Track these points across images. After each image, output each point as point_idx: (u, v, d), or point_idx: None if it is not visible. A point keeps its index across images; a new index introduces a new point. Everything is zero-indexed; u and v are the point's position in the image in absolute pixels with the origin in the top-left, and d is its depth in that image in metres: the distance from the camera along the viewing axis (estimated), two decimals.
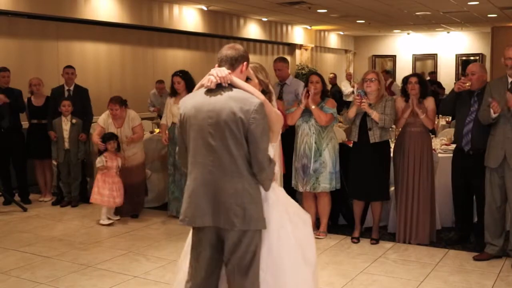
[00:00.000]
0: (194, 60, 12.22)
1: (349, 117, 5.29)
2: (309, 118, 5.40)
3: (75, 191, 7.06)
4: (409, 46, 19.23)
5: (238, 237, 2.75)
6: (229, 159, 2.72)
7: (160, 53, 11.39)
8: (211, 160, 2.74)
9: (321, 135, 5.42)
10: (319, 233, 5.54)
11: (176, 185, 6.35)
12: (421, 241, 5.30)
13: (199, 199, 2.77)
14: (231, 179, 2.73)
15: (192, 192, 2.80)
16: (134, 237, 5.72)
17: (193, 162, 2.80)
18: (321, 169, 5.40)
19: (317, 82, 5.46)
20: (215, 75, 2.78)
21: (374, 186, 5.30)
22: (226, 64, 2.84)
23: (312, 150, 5.38)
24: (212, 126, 2.73)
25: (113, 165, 6.20)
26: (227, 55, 2.85)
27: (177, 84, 6.33)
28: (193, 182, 2.80)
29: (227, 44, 2.93)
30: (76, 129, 6.94)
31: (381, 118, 5.15)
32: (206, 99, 2.78)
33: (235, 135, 2.71)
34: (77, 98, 7.10)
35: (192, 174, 2.81)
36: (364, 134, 5.26)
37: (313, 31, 16.97)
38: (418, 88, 5.27)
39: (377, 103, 5.25)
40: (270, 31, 14.60)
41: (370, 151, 5.25)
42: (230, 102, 2.73)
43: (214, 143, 2.73)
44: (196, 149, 2.78)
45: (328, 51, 18.73)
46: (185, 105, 2.85)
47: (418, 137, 5.27)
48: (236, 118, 2.69)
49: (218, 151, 2.73)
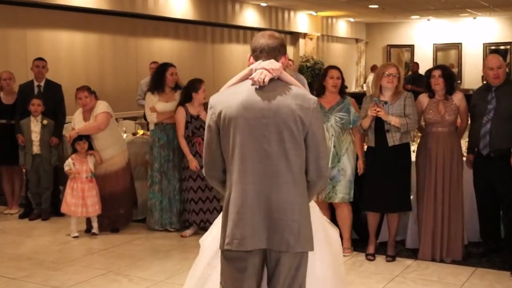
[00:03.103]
0: (182, 52, 12.19)
1: (364, 128, 5.26)
2: (327, 119, 5.39)
3: (46, 202, 7.02)
4: (430, 34, 19.23)
5: (291, 260, 2.71)
6: (286, 166, 2.67)
7: (144, 43, 11.36)
8: (264, 168, 2.67)
9: (341, 138, 5.40)
10: (344, 250, 5.52)
11: (164, 194, 6.32)
12: (454, 257, 5.28)
13: (251, 216, 2.67)
14: (287, 190, 2.68)
15: (242, 208, 2.67)
16: (114, 255, 5.68)
17: (240, 171, 2.68)
18: (339, 176, 5.38)
19: (337, 78, 5.45)
20: (269, 68, 2.71)
21: (393, 195, 5.28)
22: (269, 55, 2.77)
23: (330, 155, 5.36)
24: (267, 127, 2.66)
25: (83, 168, 6.17)
26: (269, 44, 2.78)
27: (174, 75, 6.31)
28: (241, 196, 2.68)
29: (262, 32, 2.86)
30: (48, 131, 6.91)
31: (402, 123, 5.13)
32: (256, 95, 2.69)
33: (295, 137, 2.67)
34: (48, 95, 7.06)
35: (238, 185, 2.69)
36: (381, 137, 5.24)
37: (319, 17, 16.97)
38: (442, 83, 5.24)
39: (394, 101, 5.23)
40: (270, 17, 14.59)
41: (389, 156, 5.22)
42: (287, 98, 2.69)
43: (269, 147, 2.66)
44: (245, 155, 2.67)
45: (336, 40, 18.73)
46: (225, 102, 2.72)
47: (445, 138, 5.24)
48: (296, 118, 2.66)
49: (273, 156, 2.66)
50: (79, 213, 6.18)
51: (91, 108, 6.32)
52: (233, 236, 2.67)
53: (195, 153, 6.09)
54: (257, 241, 2.67)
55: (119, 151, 6.49)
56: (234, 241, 2.67)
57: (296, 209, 2.68)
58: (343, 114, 5.39)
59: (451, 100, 5.26)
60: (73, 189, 6.15)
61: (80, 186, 6.15)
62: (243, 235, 2.66)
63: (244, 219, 2.66)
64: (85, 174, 6.18)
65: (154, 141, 6.36)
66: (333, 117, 5.39)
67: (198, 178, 6.12)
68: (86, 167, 6.19)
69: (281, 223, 2.66)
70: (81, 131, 6.25)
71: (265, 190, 2.67)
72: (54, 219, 6.97)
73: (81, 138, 6.21)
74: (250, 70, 2.77)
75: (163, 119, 6.31)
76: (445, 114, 5.21)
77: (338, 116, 5.38)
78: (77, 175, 6.16)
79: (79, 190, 6.14)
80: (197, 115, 6.09)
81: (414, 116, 5.19)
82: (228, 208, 2.72)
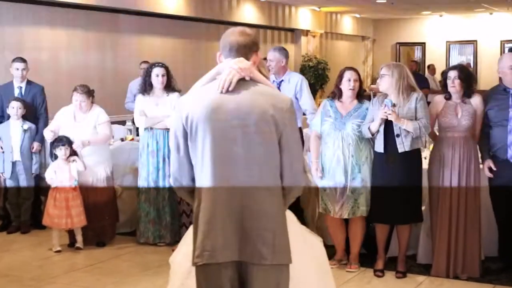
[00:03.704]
0: (175, 50, 12.19)
1: (372, 131, 5.23)
2: (344, 126, 5.36)
3: (26, 213, 6.98)
4: (442, 31, 19.28)
5: (267, 275, 2.69)
6: (259, 171, 2.68)
7: (134, 41, 11.35)
8: (236, 173, 2.67)
9: (359, 146, 5.37)
10: (351, 266, 5.52)
11: (152, 204, 6.31)
12: (470, 273, 5.25)
13: (222, 226, 2.67)
14: (261, 197, 2.68)
15: (212, 218, 2.68)
16: (100, 271, 5.65)
17: (210, 177, 2.68)
18: (361, 188, 5.36)
19: (355, 80, 5.44)
20: (237, 67, 2.72)
21: (404, 206, 5.26)
22: (238, 53, 2.80)
23: (350, 165, 5.33)
24: (239, 130, 2.67)
25: (65, 176, 6.14)
26: (239, 42, 2.81)
27: (161, 77, 6.30)
28: (211, 204, 2.68)
29: (232, 28, 2.88)
30: (29, 137, 6.88)
31: (415, 127, 5.10)
32: (225, 95, 2.70)
33: (269, 139, 2.68)
34: (29, 97, 7.05)
35: (208, 193, 2.70)
36: (390, 142, 5.21)
37: (323, 13, 16.99)
38: (459, 85, 5.22)
39: (403, 103, 5.20)
40: (270, 13, 14.61)
41: (399, 163, 5.21)
42: (259, 98, 2.71)
43: (242, 151, 2.67)
44: (216, 160, 2.68)
45: (341, 38, 18.75)
46: (192, 104, 2.74)
47: (461, 144, 5.23)
48: (269, 118, 2.67)
49: (246, 161, 2.67)
50: (63, 225, 6.14)
51: (85, 111, 6.34)
52: (203, 248, 2.68)
53: None
54: (229, 253, 2.67)
55: (105, 158, 6.48)
56: (204, 254, 2.67)
57: (271, 217, 2.69)
58: (361, 121, 5.35)
59: (469, 103, 5.24)
60: (55, 199, 6.11)
61: (63, 195, 6.11)
62: (214, 247, 2.66)
63: (215, 229, 2.66)
64: (68, 182, 6.14)
65: (143, 147, 6.35)
66: (350, 124, 5.35)
67: None
68: (69, 174, 6.15)
69: (253, 233, 2.65)
70: (92, 142, 6.28)
71: (238, 198, 2.67)
72: (34, 232, 6.93)
73: (61, 143, 6.17)
74: (218, 69, 2.81)
75: (153, 124, 6.29)
76: (462, 119, 5.19)
77: (355, 123, 5.35)
78: (59, 184, 6.12)
79: (62, 200, 6.09)
80: None
81: (427, 120, 5.16)
82: (198, 219, 2.72)
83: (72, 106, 6.40)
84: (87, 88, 6.38)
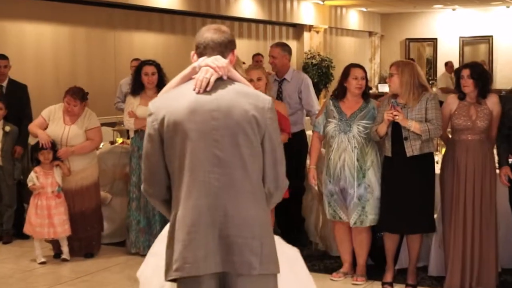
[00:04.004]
0: (168, 47, 12.19)
1: (380, 134, 5.22)
2: (349, 128, 5.36)
3: (8, 222, 6.97)
4: (455, 26, 19.29)
5: (253, 285, 2.71)
6: (242, 175, 2.71)
7: (124, 37, 11.35)
8: (217, 178, 2.69)
9: (365, 150, 5.38)
10: (357, 278, 5.52)
11: (143, 212, 6.31)
12: (486, 286, 5.24)
13: (204, 235, 2.68)
14: (245, 202, 2.71)
15: (193, 226, 2.68)
16: (88, 284, 5.64)
17: (190, 184, 2.70)
18: (367, 195, 5.36)
19: (362, 78, 5.44)
20: (214, 65, 2.75)
21: (414, 214, 5.25)
22: (214, 51, 2.84)
23: (355, 170, 5.34)
24: (219, 131, 2.70)
25: (48, 182, 6.12)
26: (214, 39, 2.84)
27: (150, 76, 6.32)
28: (191, 212, 2.69)
29: (207, 25, 2.92)
30: (10, 140, 6.89)
31: (423, 129, 5.10)
32: (203, 96, 2.73)
33: (251, 140, 2.71)
34: (12, 97, 7.05)
35: (187, 201, 2.70)
36: (398, 145, 5.22)
37: (327, 7, 17.00)
38: (472, 84, 5.21)
39: (413, 104, 5.20)
40: (269, 7, 14.61)
41: (408, 168, 5.22)
42: (239, 97, 2.74)
43: (223, 153, 2.70)
44: (195, 164, 2.69)
45: (346, 33, 18.76)
46: (168, 106, 2.76)
47: (476, 147, 5.22)
48: (250, 119, 2.70)
49: (228, 164, 2.70)
50: (45, 234, 6.13)
51: (77, 114, 6.34)
52: (184, 260, 2.67)
53: None
54: (212, 264, 2.68)
55: (92, 163, 6.49)
56: (185, 266, 2.67)
57: (257, 224, 2.71)
58: (367, 122, 5.36)
59: (484, 103, 5.23)
60: (37, 207, 6.10)
61: (46, 202, 6.10)
62: (195, 258, 2.66)
63: (196, 239, 2.67)
64: (50, 188, 6.13)
65: (133, 150, 6.37)
66: (355, 126, 5.36)
67: None
68: (52, 180, 6.14)
69: (239, 241, 2.67)
70: (77, 150, 6.26)
71: (220, 204, 2.69)
72: (17, 242, 6.92)
73: (44, 146, 6.15)
74: (193, 68, 2.83)
75: (143, 125, 6.28)
76: (477, 120, 5.18)
77: (361, 124, 5.36)
78: (41, 190, 6.10)
79: (44, 207, 6.08)
80: None
81: (438, 121, 5.16)
82: (174, 229, 2.72)
83: (61, 106, 6.39)
84: (82, 92, 6.37)
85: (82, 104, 6.35)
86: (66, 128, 6.30)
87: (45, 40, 9.92)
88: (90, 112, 6.46)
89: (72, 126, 6.32)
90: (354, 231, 5.50)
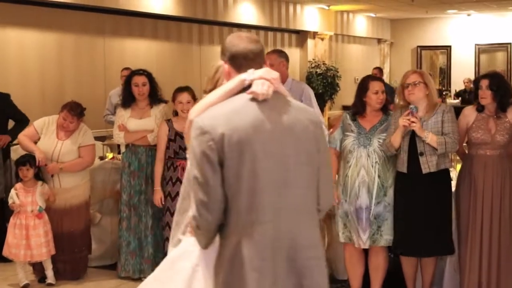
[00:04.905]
0: (162, 55, 12.20)
1: (394, 146, 5.20)
2: (369, 141, 5.35)
3: None
4: (470, 32, 19.31)
5: None
6: (305, 194, 2.78)
7: (115, 44, 11.36)
8: (283, 199, 2.73)
9: (386, 165, 5.36)
10: None
11: (133, 233, 6.30)
12: None
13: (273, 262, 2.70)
14: (309, 222, 2.80)
15: (263, 253, 2.69)
16: None
17: (253, 208, 2.69)
18: (385, 214, 5.34)
19: (382, 92, 5.43)
20: (270, 77, 2.79)
21: (430, 235, 5.24)
22: (254, 62, 2.86)
23: (375, 187, 5.31)
24: (284, 150, 2.73)
25: (27, 200, 6.09)
26: (253, 50, 2.87)
27: (141, 86, 6.32)
28: (259, 239, 2.68)
29: (235, 34, 2.93)
30: None
31: (440, 141, 5.09)
32: (262, 112, 2.74)
33: (312, 158, 2.79)
34: None
35: (252, 226, 2.68)
36: (414, 161, 5.20)
37: (333, 12, 17.04)
38: (490, 96, 5.22)
39: (428, 116, 5.21)
40: (271, 13, 14.64)
41: (424, 185, 5.20)
42: (297, 113, 2.80)
43: (287, 173, 2.73)
44: (260, 186, 2.69)
45: (353, 40, 18.79)
46: (227, 123, 2.69)
47: (495, 163, 5.23)
48: (310, 135, 2.78)
49: (293, 184, 2.74)
50: (22, 257, 6.09)
51: (72, 130, 6.36)
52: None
53: (175, 180, 6.05)
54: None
55: (83, 181, 6.50)
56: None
57: (319, 244, 2.82)
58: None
59: (504, 116, 5.24)
60: (15, 226, 6.07)
61: (25, 222, 6.06)
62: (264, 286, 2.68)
63: (266, 267, 2.68)
64: (30, 207, 6.08)
65: (124, 166, 6.37)
66: (376, 140, 5.34)
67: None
68: (33, 198, 6.10)
69: (310, 263, 2.74)
70: (66, 168, 6.26)
71: (287, 227, 2.72)
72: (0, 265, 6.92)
73: (26, 163, 6.14)
74: (241, 81, 2.82)
75: (134, 140, 6.30)
76: (496, 134, 5.19)
77: (382, 137, 5.33)
78: (21, 209, 6.09)
79: (22, 227, 6.05)
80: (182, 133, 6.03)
81: (455, 135, 5.16)
82: (240, 258, 2.68)
83: (55, 118, 6.40)
84: (80, 108, 6.39)
85: (78, 120, 6.37)
86: (58, 144, 6.31)
87: (30, 48, 9.92)
88: (85, 128, 6.48)
89: (65, 141, 6.33)
90: (371, 252, 5.49)
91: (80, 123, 6.44)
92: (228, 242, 2.73)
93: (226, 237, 2.74)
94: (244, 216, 2.70)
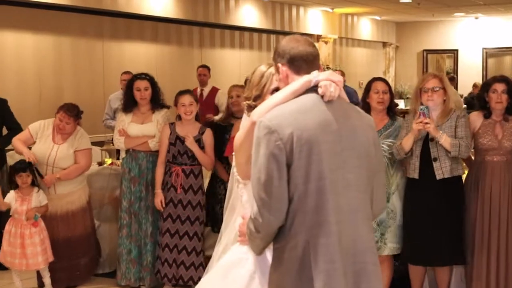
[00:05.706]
0: (163, 57, 12.21)
1: (405, 150, 5.18)
2: None
3: None
4: (478, 36, 19.31)
5: None
6: (364, 198, 2.86)
7: (114, 47, 11.38)
8: (346, 202, 2.79)
9: (389, 171, 5.37)
10: None
11: (134, 240, 6.30)
12: None
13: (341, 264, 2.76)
14: (366, 227, 2.86)
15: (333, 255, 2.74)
16: None
17: (319, 209, 2.74)
18: (388, 221, 5.34)
19: (384, 92, 5.42)
20: (336, 80, 2.87)
21: (443, 244, 5.22)
22: (313, 65, 2.93)
23: None
24: (348, 152, 2.80)
25: (23, 208, 6.06)
26: (311, 53, 2.94)
27: (143, 91, 6.32)
28: (327, 240, 2.73)
29: (291, 37, 2.99)
30: None
31: (453, 144, 5.08)
32: (329, 113, 2.81)
33: (372, 162, 2.88)
34: None
35: (319, 228, 2.74)
36: (426, 167, 5.19)
37: (337, 15, 17.06)
38: (506, 100, 5.23)
39: (443, 121, 5.20)
40: (274, 16, 14.65)
41: (436, 192, 5.20)
42: (358, 117, 2.90)
43: (350, 176, 2.80)
44: (325, 187, 2.75)
45: (358, 44, 18.80)
46: (292, 122, 2.75)
47: (503, 169, 5.23)
48: (370, 140, 2.88)
49: (354, 187, 2.81)
50: (17, 266, 6.07)
51: (68, 133, 6.36)
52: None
53: (170, 186, 6.08)
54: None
55: (80, 186, 6.49)
56: None
57: (375, 250, 2.87)
58: (393, 141, 5.32)
59: (510, 121, 5.24)
60: (10, 234, 6.05)
61: (20, 230, 6.02)
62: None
63: (336, 268, 2.73)
64: (25, 215, 6.04)
65: (124, 172, 6.37)
66: None
67: (178, 220, 6.08)
68: (28, 207, 6.05)
69: (368, 268, 2.80)
70: (63, 177, 6.25)
71: (349, 229, 2.78)
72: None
73: (22, 170, 6.09)
74: (307, 82, 2.87)
75: (135, 145, 6.30)
76: (503, 139, 5.20)
77: (386, 143, 5.31)
78: (16, 216, 6.07)
79: (18, 235, 6.01)
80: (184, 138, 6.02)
81: (468, 140, 5.16)
82: (308, 261, 2.72)
83: (50, 122, 6.41)
84: (77, 109, 6.40)
85: (75, 122, 6.37)
86: (54, 148, 6.31)
87: (27, 51, 9.94)
88: (82, 132, 6.48)
89: (61, 145, 6.33)
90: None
91: (77, 126, 6.44)
92: (293, 244, 2.76)
93: (290, 239, 2.76)
94: (311, 216, 2.74)
